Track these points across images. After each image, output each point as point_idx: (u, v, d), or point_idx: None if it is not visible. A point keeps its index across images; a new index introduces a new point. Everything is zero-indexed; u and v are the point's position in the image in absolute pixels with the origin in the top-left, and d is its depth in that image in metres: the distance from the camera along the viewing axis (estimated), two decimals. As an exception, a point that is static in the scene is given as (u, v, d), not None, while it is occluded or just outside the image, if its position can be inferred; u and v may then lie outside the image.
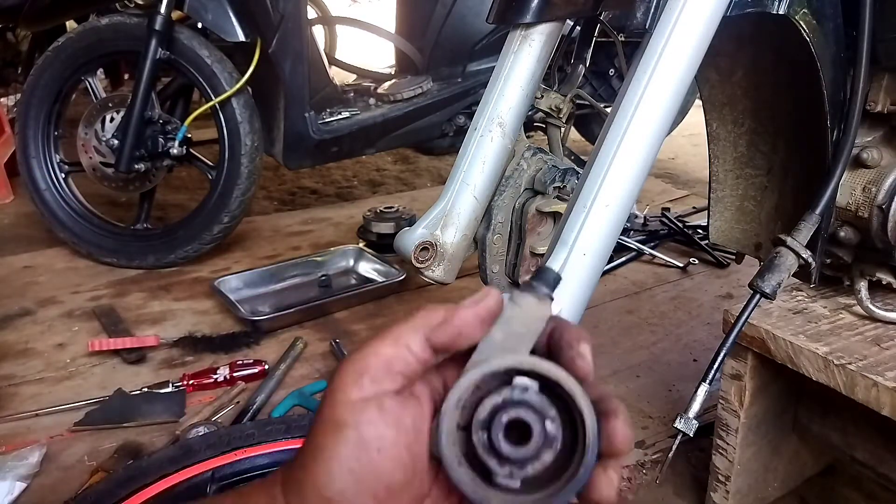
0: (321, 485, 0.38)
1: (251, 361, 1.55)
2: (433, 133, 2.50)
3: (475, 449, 0.39)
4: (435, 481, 0.42)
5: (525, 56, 0.86)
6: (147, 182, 2.11)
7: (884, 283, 1.02)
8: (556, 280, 0.42)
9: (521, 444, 0.39)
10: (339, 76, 2.52)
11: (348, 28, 2.97)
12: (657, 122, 0.65)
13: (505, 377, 0.40)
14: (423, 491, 0.41)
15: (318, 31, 3.00)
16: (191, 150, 2.09)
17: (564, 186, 1.09)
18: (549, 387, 0.40)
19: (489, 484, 0.40)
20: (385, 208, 2.21)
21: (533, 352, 0.42)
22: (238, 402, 1.45)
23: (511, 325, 0.42)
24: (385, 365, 0.40)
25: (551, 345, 0.42)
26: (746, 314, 0.88)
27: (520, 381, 0.40)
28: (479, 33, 2.48)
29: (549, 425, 0.39)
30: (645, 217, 2.45)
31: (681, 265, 2.14)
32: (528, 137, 1.11)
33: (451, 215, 1.00)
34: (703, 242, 2.23)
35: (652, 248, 2.24)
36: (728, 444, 1.10)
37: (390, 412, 0.39)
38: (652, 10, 0.71)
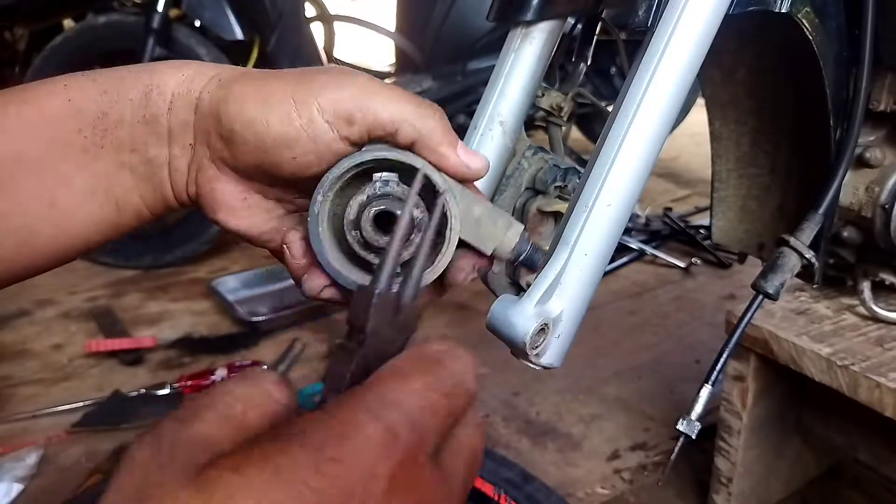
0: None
1: (249, 363, 1.54)
2: (433, 132, 2.49)
3: (353, 249, 0.41)
4: None
5: (526, 54, 0.85)
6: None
7: (887, 283, 1.01)
8: None
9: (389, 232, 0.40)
10: (338, 75, 2.51)
11: (347, 26, 2.95)
12: (659, 121, 0.64)
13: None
14: None
15: (317, 29, 2.99)
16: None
17: (566, 186, 1.08)
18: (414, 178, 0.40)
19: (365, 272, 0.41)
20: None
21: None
22: (236, 404, 1.44)
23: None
24: None
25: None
26: (749, 315, 0.87)
27: (380, 175, 0.41)
28: (479, 31, 2.47)
29: (415, 212, 0.40)
30: (647, 217, 2.44)
31: (683, 265, 2.13)
32: (528, 136, 1.10)
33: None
34: (705, 242, 2.23)
35: (654, 248, 2.23)
36: (731, 445, 1.09)
37: None
38: (654, 8, 0.70)
